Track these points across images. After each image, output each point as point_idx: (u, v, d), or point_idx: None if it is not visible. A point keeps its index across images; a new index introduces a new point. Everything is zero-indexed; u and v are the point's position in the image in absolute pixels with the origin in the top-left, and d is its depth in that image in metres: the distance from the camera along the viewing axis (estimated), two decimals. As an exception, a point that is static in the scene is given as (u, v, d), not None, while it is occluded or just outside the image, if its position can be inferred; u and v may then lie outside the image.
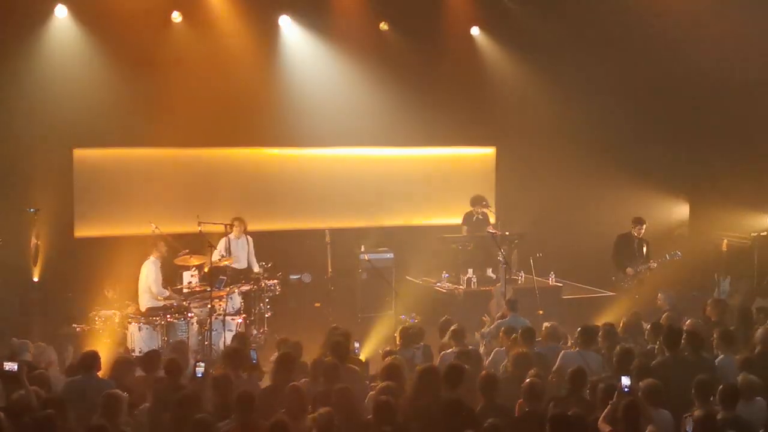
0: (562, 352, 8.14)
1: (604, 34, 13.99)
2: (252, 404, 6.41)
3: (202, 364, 7.47)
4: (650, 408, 6.48)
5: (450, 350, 8.34)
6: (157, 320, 10.57)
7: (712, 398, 6.52)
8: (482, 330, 9.92)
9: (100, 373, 7.54)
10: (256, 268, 12.15)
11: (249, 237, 12.24)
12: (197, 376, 7.34)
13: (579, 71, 14.34)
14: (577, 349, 8.14)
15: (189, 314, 10.79)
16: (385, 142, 14.67)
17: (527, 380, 6.78)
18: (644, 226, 12.34)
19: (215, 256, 11.28)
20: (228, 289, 11.29)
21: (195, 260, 11.32)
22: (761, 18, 13.00)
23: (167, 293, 11.02)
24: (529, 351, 7.92)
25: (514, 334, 8.46)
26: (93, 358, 7.50)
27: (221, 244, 11.90)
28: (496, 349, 8.68)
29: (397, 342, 8.72)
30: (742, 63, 13.49)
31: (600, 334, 8.48)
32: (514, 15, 14.26)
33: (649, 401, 6.54)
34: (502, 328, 8.89)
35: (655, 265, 12.19)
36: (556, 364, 7.89)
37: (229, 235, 12.05)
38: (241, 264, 12.08)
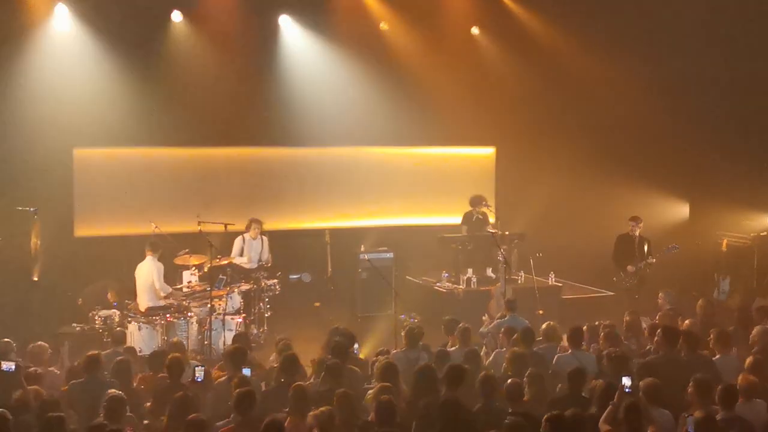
0: (557, 355, 8.12)
1: (603, 34, 13.96)
2: (251, 403, 6.39)
3: (202, 368, 7.43)
4: (651, 407, 6.46)
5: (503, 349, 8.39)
6: (156, 320, 10.58)
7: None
8: (481, 329, 9.90)
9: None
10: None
11: (264, 237, 12.21)
12: (197, 380, 7.29)
13: (578, 71, 14.33)
14: (570, 351, 8.12)
15: (189, 314, 10.80)
16: (385, 142, 14.67)
17: (508, 381, 6.77)
18: (640, 224, 12.23)
19: (235, 256, 11.73)
20: (228, 288, 11.30)
21: (195, 260, 11.33)
22: (761, 18, 13.01)
23: (170, 289, 10.99)
24: (525, 351, 7.90)
25: (514, 335, 8.46)
26: (96, 361, 7.51)
27: (237, 244, 11.93)
28: (497, 350, 8.67)
29: (404, 342, 8.56)
30: (742, 62, 13.49)
31: (601, 335, 8.51)
32: (515, 15, 14.24)
33: (650, 400, 6.53)
34: (502, 329, 8.89)
35: (654, 260, 12.07)
36: (552, 367, 7.88)
37: (245, 235, 12.05)
38: (252, 264, 12.07)
